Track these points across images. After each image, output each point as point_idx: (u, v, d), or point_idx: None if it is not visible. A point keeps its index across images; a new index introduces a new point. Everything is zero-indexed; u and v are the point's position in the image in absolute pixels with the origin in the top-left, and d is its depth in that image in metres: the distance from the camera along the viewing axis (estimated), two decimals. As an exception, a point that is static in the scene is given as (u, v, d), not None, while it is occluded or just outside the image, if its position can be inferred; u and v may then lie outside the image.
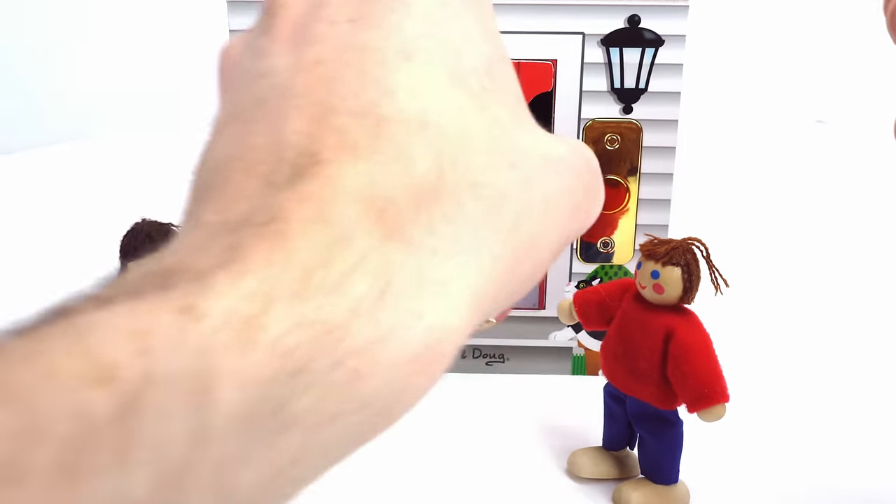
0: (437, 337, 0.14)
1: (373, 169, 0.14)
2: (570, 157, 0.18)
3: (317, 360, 0.12)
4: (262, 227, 0.13)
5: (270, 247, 0.13)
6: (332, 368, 0.13)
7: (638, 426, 0.31)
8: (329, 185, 0.14)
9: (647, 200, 0.40)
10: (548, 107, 0.39)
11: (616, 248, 0.41)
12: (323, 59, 0.16)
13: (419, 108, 0.15)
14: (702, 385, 0.27)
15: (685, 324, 0.29)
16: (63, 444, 0.10)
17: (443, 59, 0.16)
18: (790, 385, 0.42)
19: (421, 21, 0.17)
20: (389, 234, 0.14)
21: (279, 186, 0.14)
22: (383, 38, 0.16)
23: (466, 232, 0.15)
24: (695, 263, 0.28)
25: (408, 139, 0.15)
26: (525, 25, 0.38)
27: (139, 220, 0.31)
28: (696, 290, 0.29)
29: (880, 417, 0.39)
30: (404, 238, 0.14)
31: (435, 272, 0.15)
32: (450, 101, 0.16)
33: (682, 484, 0.31)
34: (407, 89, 0.16)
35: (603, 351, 0.32)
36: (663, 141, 0.39)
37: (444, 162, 0.15)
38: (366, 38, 0.16)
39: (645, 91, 0.38)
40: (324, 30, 0.17)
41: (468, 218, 0.15)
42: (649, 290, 0.29)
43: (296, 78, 0.16)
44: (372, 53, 0.16)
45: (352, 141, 0.15)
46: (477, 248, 0.15)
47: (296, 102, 0.15)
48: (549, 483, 0.33)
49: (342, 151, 0.15)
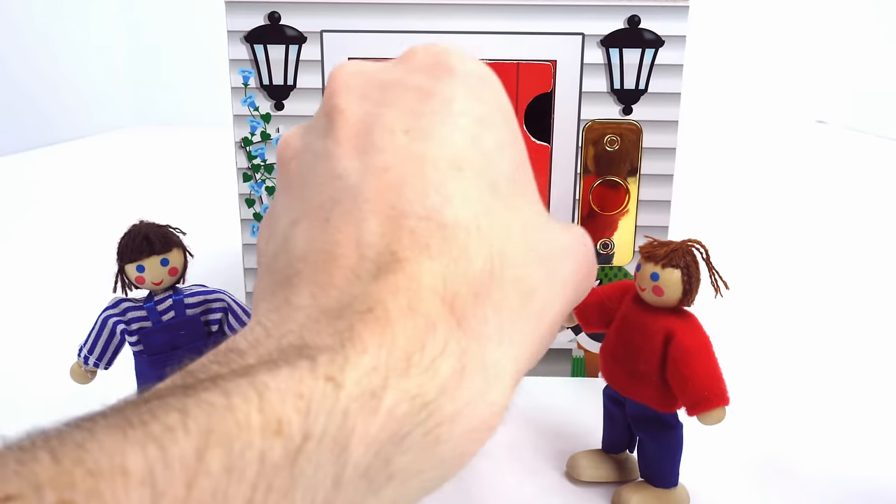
0: (493, 412, 0.17)
1: (443, 267, 0.18)
2: (576, 246, 0.22)
3: (417, 427, 0.15)
4: (364, 314, 0.16)
5: (379, 332, 0.16)
6: (425, 434, 0.16)
7: (637, 429, 0.31)
8: (413, 280, 0.17)
9: (646, 202, 0.40)
10: (547, 107, 0.39)
11: (616, 250, 0.41)
12: (388, 167, 0.19)
13: (472, 214, 0.19)
14: (702, 388, 0.27)
15: (685, 326, 0.29)
16: (250, 485, 0.13)
17: (483, 168, 0.20)
18: (790, 387, 0.42)
19: (465, 134, 0.20)
20: (459, 324, 0.17)
21: (366, 279, 0.17)
22: (437, 149, 0.19)
23: (508, 321, 0.18)
24: (694, 265, 0.28)
25: (467, 241, 0.18)
26: (525, 26, 0.38)
27: (137, 222, 0.31)
28: (696, 292, 0.28)
29: (881, 419, 0.39)
30: (469, 326, 0.17)
31: (490, 357, 0.18)
32: (492, 205, 0.19)
33: (682, 487, 0.31)
34: (460, 197, 0.19)
35: (602, 353, 0.31)
36: (663, 142, 0.39)
37: (495, 260, 0.18)
38: (423, 149, 0.19)
39: (645, 92, 0.38)
40: (385, 139, 0.20)
41: (510, 309, 0.18)
42: (649, 292, 0.28)
43: (366, 183, 0.19)
44: (430, 163, 0.19)
45: (423, 242, 0.18)
46: (517, 335, 0.19)
47: (370, 206, 0.18)
48: (548, 486, 0.33)
49: (417, 251, 0.18)
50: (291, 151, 0.22)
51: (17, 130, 1.23)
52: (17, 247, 0.70)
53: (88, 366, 0.32)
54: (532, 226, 0.20)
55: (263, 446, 0.13)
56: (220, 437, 0.13)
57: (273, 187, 0.40)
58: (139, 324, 0.31)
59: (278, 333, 0.16)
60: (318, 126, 0.22)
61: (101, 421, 0.13)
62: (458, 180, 0.19)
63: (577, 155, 0.39)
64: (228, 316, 0.33)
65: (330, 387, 0.14)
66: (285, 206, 0.21)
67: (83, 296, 0.54)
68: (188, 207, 0.85)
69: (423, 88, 0.21)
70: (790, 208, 0.88)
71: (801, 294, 0.58)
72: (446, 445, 0.16)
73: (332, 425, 0.14)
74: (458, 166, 0.19)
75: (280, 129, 0.39)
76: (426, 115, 0.20)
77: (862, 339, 0.49)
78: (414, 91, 0.21)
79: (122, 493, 0.11)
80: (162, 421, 0.13)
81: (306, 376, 0.14)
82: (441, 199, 0.18)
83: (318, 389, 0.14)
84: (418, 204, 0.18)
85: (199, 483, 0.12)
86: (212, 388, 0.14)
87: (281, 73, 0.39)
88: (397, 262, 0.17)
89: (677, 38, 0.38)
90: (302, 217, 0.20)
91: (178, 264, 0.31)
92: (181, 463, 0.12)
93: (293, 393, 0.14)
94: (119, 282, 0.31)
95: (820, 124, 1.59)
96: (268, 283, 0.20)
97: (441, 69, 0.21)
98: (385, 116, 0.20)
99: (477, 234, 0.18)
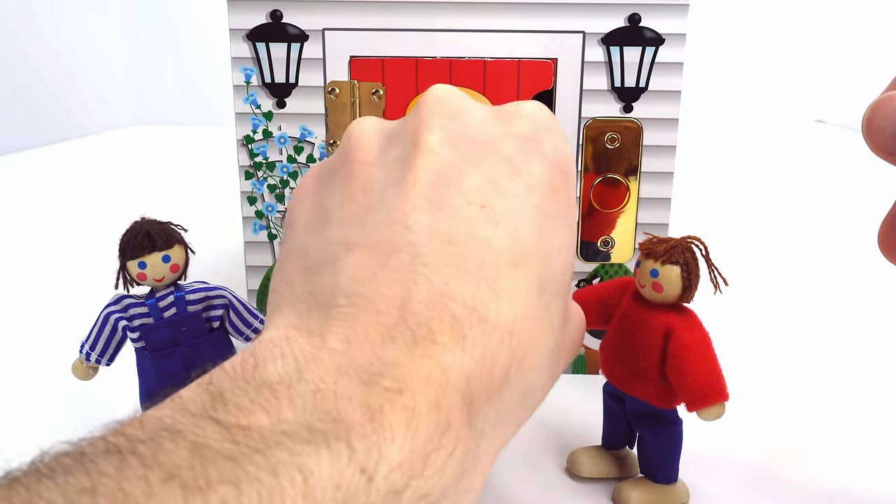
0: (471, 500, 0.18)
1: (472, 365, 0.18)
2: (574, 336, 0.23)
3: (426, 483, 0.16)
4: (394, 395, 0.17)
5: (406, 422, 0.16)
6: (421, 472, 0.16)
7: (637, 425, 0.31)
8: (444, 372, 0.17)
9: (647, 199, 0.40)
10: (548, 105, 0.39)
11: (616, 247, 0.41)
12: (454, 240, 0.19)
13: (512, 317, 0.19)
14: (701, 384, 0.27)
15: (684, 322, 0.29)
16: None
17: (537, 269, 0.20)
18: (789, 383, 0.43)
19: (533, 230, 0.20)
20: (469, 423, 0.18)
21: (401, 346, 0.18)
22: (504, 239, 0.19)
23: (504, 419, 0.19)
24: (694, 262, 0.28)
25: (499, 344, 0.19)
26: (525, 24, 0.38)
27: (138, 219, 0.31)
28: (696, 288, 0.29)
29: (880, 416, 0.39)
30: (475, 426, 0.18)
31: (480, 451, 0.18)
32: (532, 311, 0.19)
33: (682, 483, 0.31)
34: (508, 296, 0.19)
35: (602, 350, 0.32)
36: (663, 140, 0.39)
37: (513, 367, 0.19)
38: (490, 234, 0.19)
39: (645, 90, 0.38)
40: (461, 206, 0.20)
41: (509, 409, 0.19)
42: (648, 288, 0.29)
43: (428, 246, 0.19)
44: (492, 253, 0.19)
45: (461, 332, 0.18)
46: (508, 428, 0.20)
47: (426, 273, 0.19)
48: (548, 482, 0.33)
49: (454, 339, 0.18)
50: (369, 154, 0.22)
51: (17, 129, 1.23)
52: (18, 245, 0.70)
53: (90, 362, 0.33)
54: (555, 332, 0.21)
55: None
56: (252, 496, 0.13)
57: (275, 185, 0.40)
58: (141, 320, 0.31)
59: (311, 378, 0.17)
60: (400, 148, 0.21)
61: (156, 476, 0.13)
62: (511, 278, 0.19)
63: (578, 153, 0.39)
64: (230, 312, 0.33)
65: (364, 480, 0.15)
66: (343, 215, 0.21)
67: (85, 293, 0.54)
68: (189, 205, 0.85)
69: (512, 163, 0.21)
70: (789, 207, 0.88)
71: (799, 291, 0.58)
72: (449, 472, 0.17)
73: None
74: (515, 263, 0.19)
75: (282, 127, 0.40)
76: (506, 196, 0.20)
77: (860, 337, 0.49)
78: (504, 162, 0.21)
79: None
80: (219, 493, 0.13)
81: (345, 467, 0.15)
82: (490, 293, 0.19)
83: (353, 482, 0.15)
84: (468, 292, 0.18)
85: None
86: (260, 462, 0.14)
87: (283, 72, 0.39)
88: (433, 344, 0.18)
89: (677, 36, 0.38)
90: (358, 246, 0.19)
91: (180, 261, 0.31)
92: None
93: (333, 485, 0.15)
94: (121, 278, 0.31)
95: (819, 123, 1.60)
96: (301, 286, 0.20)
97: (534, 146, 0.21)
98: (468, 179, 0.20)
99: (509, 339, 0.19)
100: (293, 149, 0.40)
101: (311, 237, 0.21)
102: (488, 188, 0.20)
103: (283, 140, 0.40)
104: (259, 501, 0.13)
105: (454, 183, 0.20)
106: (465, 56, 0.38)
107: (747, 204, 0.90)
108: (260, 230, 0.41)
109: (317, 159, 0.40)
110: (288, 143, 0.40)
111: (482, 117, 0.22)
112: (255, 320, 0.34)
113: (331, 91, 0.39)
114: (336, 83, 0.39)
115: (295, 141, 0.40)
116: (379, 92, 0.39)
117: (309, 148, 0.40)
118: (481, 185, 0.20)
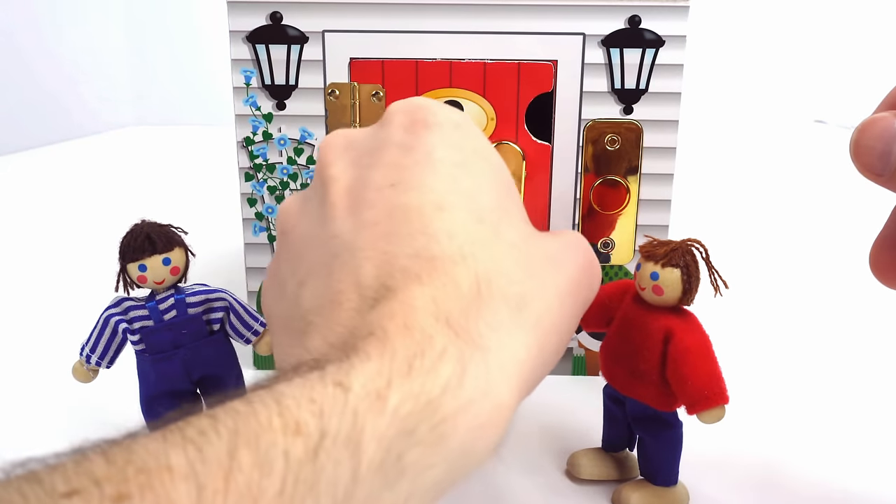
0: (498, 410, 0.19)
1: (434, 291, 0.19)
2: (565, 250, 0.24)
3: (422, 423, 0.17)
4: (366, 337, 0.18)
5: (380, 345, 0.18)
6: (431, 430, 0.17)
7: (637, 428, 0.31)
8: (406, 303, 0.19)
9: (647, 201, 0.40)
10: (548, 107, 0.39)
11: (616, 249, 0.41)
12: (378, 220, 0.21)
13: (456, 246, 0.21)
14: (701, 387, 0.27)
15: (684, 325, 0.29)
16: (280, 478, 0.14)
17: (465, 205, 0.22)
18: (789, 385, 0.43)
19: (446, 180, 0.22)
20: (457, 335, 0.19)
21: (366, 312, 0.19)
22: (421, 196, 0.22)
23: (505, 334, 0.20)
24: (694, 265, 0.28)
25: (453, 269, 0.20)
26: (526, 26, 0.38)
27: (139, 222, 0.31)
28: (696, 291, 0.29)
29: (880, 418, 0.39)
30: (468, 337, 0.19)
31: (493, 361, 0.19)
32: (476, 236, 0.21)
33: (682, 485, 0.31)
34: (444, 232, 0.21)
35: (602, 352, 0.32)
36: (663, 141, 0.39)
37: (481, 282, 0.20)
38: (408, 199, 0.22)
39: (645, 92, 0.38)
40: (374, 195, 0.22)
41: (501, 323, 0.20)
42: (648, 291, 0.29)
43: (359, 236, 0.21)
44: (414, 210, 0.21)
45: (414, 274, 0.20)
46: (515, 343, 0.20)
47: (365, 254, 0.21)
48: (548, 484, 0.33)
49: (409, 281, 0.20)
50: (292, 220, 0.25)
51: (18, 130, 1.23)
52: (18, 246, 0.70)
53: (90, 364, 0.33)
54: (517, 245, 0.22)
55: (286, 444, 0.15)
56: (247, 438, 0.14)
57: (274, 186, 0.40)
58: (141, 323, 0.31)
59: None
60: (315, 195, 0.24)
61: (142, 431, 0.15)
62: (441, 220, 0.21)
63: (578, 154, 0.39)
64: (230, 315, 0.33)
65: (339, 391, 0.16)
66: (291, 271, 0.23)
67: (85, 295, 0.54)
68: (189, 207, 0.85)
69: (404, 144, 0.23)
70: (789, 208, 0.88)
71: (799, 293, 0.58)
72: (452, 440, 0.17)
73: (344, 424, 0.16)
74: (440, 207, 0.21)
75: (282, 129, 0.40)
76: (409, 167, 0.22)
77: (861, 337, 0.49)
78: (397, 148, 0.23)
79: (169, 485, 0.13)
80: (195, 425, 0.15)
81: (317, 384, 0.16)
82: (426, 238, 0.21)
83: (328, 394, 0.16)
84: (407, 245, 0.21)
85: (234, 477, 0.14)
86: (236, 398, 0.16)
87: (283, 73, 0.39)
88: (391, 292, 0.19)
89: (677, 38, 0.38)
90: (308, 277, 0.22)
91: (180, 263, 0.31)
92: (216, 461, 0.14)
93: (307, 398, 0.16)
94: (121, 281, 0.31)
95: (818, 124, 1.60)
96: (286, 342, 0.23)
97: (418, 125, 0.24)
98: (373, 176, 0.23)
99: (462, 262, 0.20)
100: (293, 150, 0.40)
101: (277, 304, 0.24)
102: (392, 171, 0.22)
103: (282, 142, 0.40)
104: (234, 424, 0.15)
105: (362, 187, 0.23)
106: (466, 58, 0.38)
107: (747, 205, 0.90)
108: (260, 232, 0.41)
109: (316, 160, 0.40)
110: (288, 144, 0.40)
111: (367, 133, 0.25)
112: (255, 322, 0.34)
113: (331, 93, 0.39)
114: (336, 85, 0.39)
115: (295, 143, 0.40)
116: (379, 94, 0.39)
117: (309, 150, 0.40)
118: (385, 173, 0.22)
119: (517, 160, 0.39)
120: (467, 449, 0.18)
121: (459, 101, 0.39)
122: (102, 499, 0.13)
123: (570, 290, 0.23)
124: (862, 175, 0.25)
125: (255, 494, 0.14)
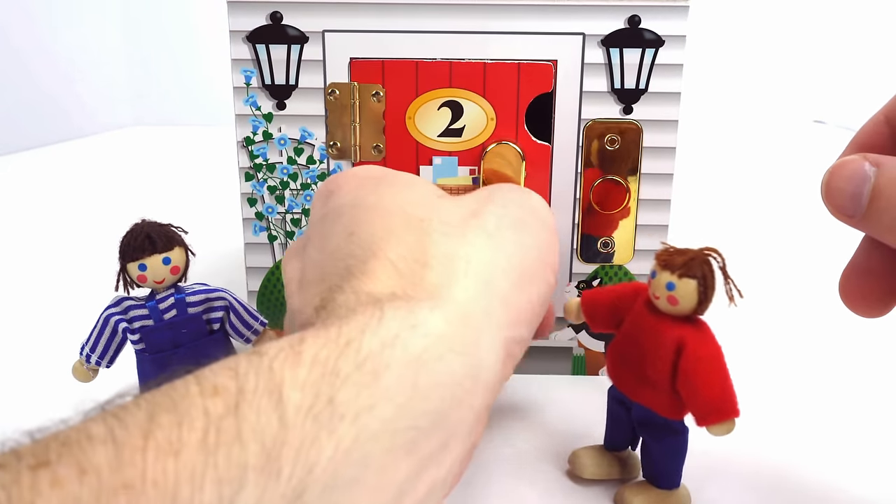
0: (432, 341, 0.19)
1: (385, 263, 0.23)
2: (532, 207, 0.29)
3: (345, 363, 0.18)
4: (336, 308, 0.22)
5: (344, 315, 0.20)
6: (357, 369, 0.18)
7: (642, 432, 0.31)
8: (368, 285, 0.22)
9: (647, 201, 0.40)
10: (548, 107, 0.39)
11: (616, 249, 0.41)
12: (356, 231, 0.25)
13: None
14: (712, 399, 0.27)
15: (697, 336, 0.28)
16: (201, 430, 0.15)
17: (401, 194, 0.27)
18: (792, 389, 0.42)
19: (371, 195, 0.27)
20: (426, 290, 0.22)
21: (345, 291, 0.22)
22: (367, 210, 0.27)
23: (480, 280, 0.23)
24: (711, 276, 0.27)
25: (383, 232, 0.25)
26: (525, 26, 0.38)
27: (139, 221, 0.31)
28: (710, 302, 0.28)
29: (887, 425, 0.39)
30: (439, 297, 0.21)
31: (468, 328, 0.21)
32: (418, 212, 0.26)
33: (684, 488, 0.31)
34: (378, 217, 0.26)
35: (610, 354, 0.31)
36: (663, 141, 0.39)
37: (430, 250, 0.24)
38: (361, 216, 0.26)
39: (645, 91, 0.38)
40: (332, 227, 0.27)
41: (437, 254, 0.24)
42: (663, 300, 0.28)
43: (328, 242, 0.26)
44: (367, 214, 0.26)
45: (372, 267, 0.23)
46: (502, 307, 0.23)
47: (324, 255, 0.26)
48: (549, 483, 0.33)
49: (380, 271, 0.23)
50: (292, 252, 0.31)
51: (17, 130, 1.23)
52: (17, 246, 0.70)
53: (90, 364, 0.33)
54: (450, 225, 0.25)
55: (206, 404, 0.16)
56: (166, 405, 0.16)
57: (275, 186, 0.40)
58: (141, 322, 0.31)
59: None
60: None
61: (76, 417, 0.16)
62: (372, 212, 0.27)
63: (578, 154, 0.39)
64: (230, 314, 0.33)
65: (254, 356, 0.18)
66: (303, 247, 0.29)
67: (85, 294, 0.54)
68: (189, 207, 0.85)
69: (314, 216, 0.29)
70: (788, 208, 0.88)
71: (798, 293, 0.58)
72: (387, 377, 0.18)
73: (261, 379, 0.17)
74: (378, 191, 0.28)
75: (282, 129, 0.40)
76: (322, 222, 0.28)
77: (863, 342, 0.49)
78: (317, 223, 0.28)
79: (88, 449, 0.14)
80: (115, 402, 0.16)
81: (232, 358, 0.18)
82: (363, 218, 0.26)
83: (243, 360, 0.17)
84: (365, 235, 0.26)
85: (153, 435, 0.15)
86: (161, 382, 0.17)
87: (283, 73, 0.39)
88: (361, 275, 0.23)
89: (677, 37, 0.38)
90: (307, 244, 0.29)
91: (180, 263, 0.31)
92: (136, 424, 0.15)
93: (223, 367, 0.17)
94: (121, 280, 0.31)
95: (818, 124, 1.60)
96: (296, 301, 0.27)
97: (327, 191, 0.29)
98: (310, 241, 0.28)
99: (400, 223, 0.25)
100: (293, 150, 0.40)
101: None
102: (317, 235, 0.28)
103: (283, 142, 0.40)
104: (153, 397, 0.16)
105: (328, 221, 0.27)
106: (465, 58, 0.38)
107: (747, 205, 0.90)
108: (260, 231, 0.41)
109: (317, 161, 0.40)
110: (288, 144, 0.40)
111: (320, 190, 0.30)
112: (255, 322, 0.34)
113: (331, 93, 0.39)
114: (336, 85, 0.39)
115: (295, 142, 0.40)
116: (379, 94, 0.39)
117: (309, 149, 0.40)
118: (343, 205, 0.27)
119: (517, 160, 0.39)
120: (416, 384, 0.18)
121: (459, 102, 0.39)
122: (21, 469, 0.13)
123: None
124: (834, 217, 0.25)
125: (175, 447, 0.15)
